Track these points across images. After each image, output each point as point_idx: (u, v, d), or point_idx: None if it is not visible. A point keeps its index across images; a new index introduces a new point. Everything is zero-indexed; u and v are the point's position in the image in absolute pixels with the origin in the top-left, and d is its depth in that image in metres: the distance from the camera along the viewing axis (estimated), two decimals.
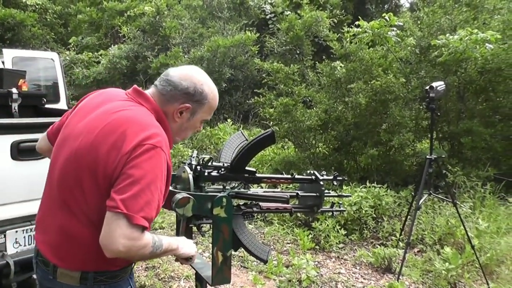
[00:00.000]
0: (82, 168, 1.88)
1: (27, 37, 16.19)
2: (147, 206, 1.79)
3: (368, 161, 7.48)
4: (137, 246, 1.78)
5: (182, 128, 2.17)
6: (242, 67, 13.62)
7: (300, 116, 8.06)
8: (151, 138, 1.86)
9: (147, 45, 14.22)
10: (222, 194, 2.38)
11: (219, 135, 10.99)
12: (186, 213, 2.24)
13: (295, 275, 4.95)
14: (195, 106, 2.11)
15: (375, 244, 5.97)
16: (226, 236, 2.39)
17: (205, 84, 2.12)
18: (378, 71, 7.60)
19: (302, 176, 2.89)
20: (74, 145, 1.94)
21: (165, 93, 2.07)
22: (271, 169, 8.36)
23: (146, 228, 1.81)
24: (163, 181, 1.89)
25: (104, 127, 1.90)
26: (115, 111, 1.96)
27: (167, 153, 1.94)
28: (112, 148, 1.84)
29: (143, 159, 1.81)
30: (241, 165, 2.61)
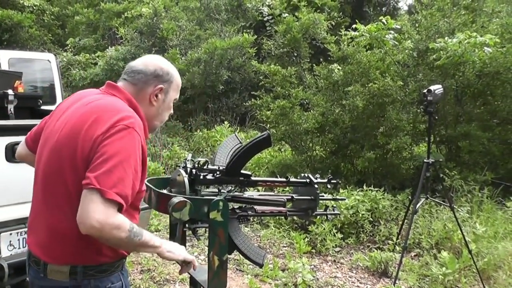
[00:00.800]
0: (63, 159, 1.93)
1: (25, 38, 16.19)
2: (120, 183, 1.82)
3: (365, 164, 7.45)
4: (110, 223, 1.77)
5: (160, 110, 2.23)
6: (239, 69, 13.60)
7: (297, 119, 8.04)
8: (124, 119, 1.93)
9: (144, 46, 14.17)
10: (219, 198, 2.36)
11: (216, 137, 10.95)
12: (182, 217, 2.22)
13: (291, 279, 4.92)
14: (166, 86, 2.20)
15: (371, 248, 5.94)
16: (223, 240, 2.37)
17: (167, 64, 2.24)
18: (375, 74, 7.59)
19: (296, 180, 2.87)
20: (54, 141, 2.00)
21: (136, 82, 2.16)
22: (268, 172, 8.34)
23: (121, 206, 1.83)
24: (137, 160, 1.92)
25: (79, 118, 1.97)
26: (88, 103, 2.04)
27: (141, 135, 1.98)
28: (87, 134, 1.89)
29: (115, 138, 1.87)
30: (237, 168, 2.58)
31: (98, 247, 1.97)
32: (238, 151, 2.55)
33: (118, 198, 1.80)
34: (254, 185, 2.74)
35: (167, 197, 2.27)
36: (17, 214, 3.64)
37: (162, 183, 2.68)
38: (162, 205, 2.31)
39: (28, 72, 7.09)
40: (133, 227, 1.88)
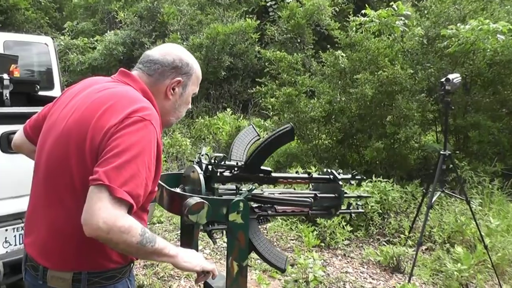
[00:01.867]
0: (70, 149, 1.75)
1: (21, 21, 15.92)
2: (132, 181, 1.63)
3: (373, 154, 7.26)
4: (119, 225, 1.57)
5: (176, 105, 2.06)
6: (241, 55, 13.35)
7: (304, 107, 7.85)
8: (140, 111, 1.75)
9: (144, 31, 13.91)
10: (239, 198, 2.18)
11: (218, 125, 10.76)
12: (200, 220, 2.03)
13: (301, 274, 4.75)
14: (185, 79, 2.02)
15: (381, 241, 5.78)
16: (243, 245, 2.20)
17: (187, 55, 2.05)
18: (384, 62, 7.38)
19: (319, 176, 2.69)
20: (60, 128, 1.82)
21: (152, 73, 1.97)
22: (273, 161, 8.15)
23: (131, 207, 1.64)
24: (152, 157, 1.74)
25: (90, 105, 1.79)
26: (101, 90, 1.87)
27: (158, 130, 1.80)
28: (98, 123, 1.72)
29: (130, 131, 1.69)
30: (257, 164, 2.41)
31: (106, 250, 1.78)
32: (258, 146, 2.36)
33: (129, 197, 1.61)
34: (274, 182, 2.56)
35: (182, 197, 2.09)
36: (14, 209, 3.42)
37: (173, 179, 2.50)
38: (175, 206, 2.13)
39: (25, 56, 6.86)
40: (145, 231, 1.67)
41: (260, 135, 2.71)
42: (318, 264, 4.75)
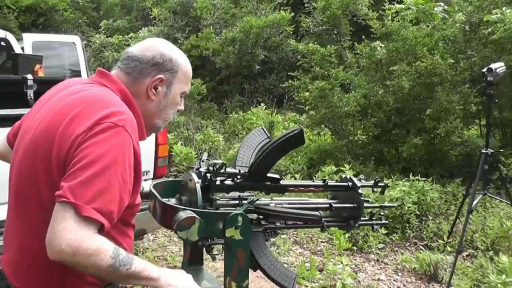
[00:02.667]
0: (37, 162, 1.56)
1: (59, 22, 16.07)
2: (102, 196, 1.43)
3: (411, 151, 6.84)
4: (86, 248, 1.37)
5: (161, 106, 1.82)
6: (276, 48, 13.03)
7: (337, 101, 7.50)
8: (112, 116, 1.53)
9: (177, 26, 13.76)
10: (237, 212, 1.91)
11: (252, 120, 10.48)
12: (190, 237, 1.78)
13: (329, 281, 4.44)
14: (168, 76, 1.77)
15: (418, 246, 5.40)
16: (242, 263, 1.93)
17: (172, 50, 1.80)
18: (422, 51, 6.93)
19: (336, 183, 2.37)
20: (28, 138, 1.64)
21: (130, 71, 1.75)
22: (306, 158, 7.84)
23: (102, 226, 1.43)
24: (126, 168, 1.52)
25: (59, 111, 1.59)
26: (73, 93, 1.66)
27: (134, 137, 1.58)
28: (65, 131, 1.52)
29: (99, 139, 1.48)
30: (262, 171, 2.11)
31: (79, 272, 1.54)
32: (263, 151, 2.08)
33: (98, 216, 1.40)
34: (283, 191, 2.25)
35: (175, 210, 1.83)
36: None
37: (171, 188, 2.24)
38: (167, 219, 1.86)
39: (53, 56, 6.80)
40: (118, 253, 1.45)
41: (271, 138, 2.43)
42: (347, 271, 4.44)
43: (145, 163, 4.07)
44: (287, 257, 5.17)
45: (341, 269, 4.43)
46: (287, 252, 5.29)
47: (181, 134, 10.03)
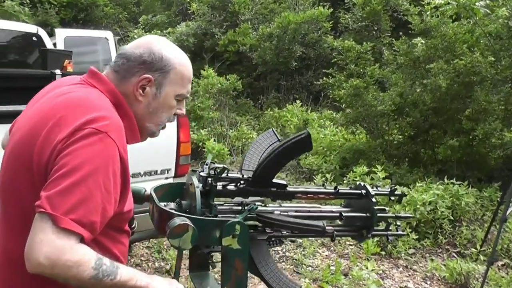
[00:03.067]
0: (19, 168, 1.50)
1: (99, 17, 16.27)
2: (82, 206, 1.35)
3: (447, 152, 6.57)
4: (65, 260, 1.30)
5: (150, 109, 1.67)
6: (314, 44, 12.82)
7: (372, 99, 7.28)
8: (94, 121, 1.43)
9: (215, 22, 13.72)
10: (235, 220, 1.79)
11: (287, 117, 10.34)
12: (183, 245, 1.68)
13: (353, 287, 4.29)
14: (158, 77, 1.63)
15: (451, 253, 5.17)
16: (240, 273, 1.82)
17: (164, 48, 1.65)
18: (462, 49, 6.64)
19: (348, 190, 2.23)
20: (14, 141, 1.57)
21: (118, 69, 1.63)
22: (339, 157, 7.65)
23: (81, 237, 1.35)
24: (110, 177, 1.43)
25: (43, 115, 1.51)
26: (59, 95, 1.57)
27: (119, 143, 1.48)
28: (47, 138, 1.43)
29: (80, 146, 1.39)
30: (267, 176, 1.99)
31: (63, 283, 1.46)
32: (267, 156, 1.95)
33: (77, 227, 1.32)
34: (291, 198, 2.13)
35: (169, 216, 1.74)
36: None
37: (175, 191, 2.14)
38: (162, 224, 1.77)
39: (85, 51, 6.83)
40: (101, 264, 1.38)
41: (281, 141, 2.30)
42: (373, 277, 4.27)
43: (165, 161, 4.05)
44: (312, 260, 5.03)
45: (366, 274, 4.28)
46: (313, 255, 5.15)
47: (214, 130, 9.97)
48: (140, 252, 4.92)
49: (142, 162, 3.76)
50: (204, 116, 10.32)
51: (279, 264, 4.93)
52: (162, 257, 4.84)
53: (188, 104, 10.49)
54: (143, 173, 3.79)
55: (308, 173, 8.02)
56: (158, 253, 4.91)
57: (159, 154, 3.89)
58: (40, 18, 14.69)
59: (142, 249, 4.99)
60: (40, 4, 15.03)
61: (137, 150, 3.70)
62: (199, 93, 10.90)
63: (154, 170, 3.87)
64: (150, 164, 3.83)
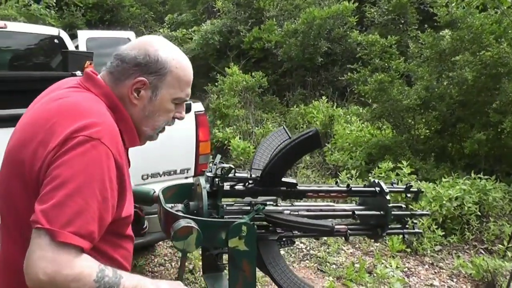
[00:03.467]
0: (12, 173, 1.49)
1: (125, 18, 16.39)
2: (79, 218, 1.32)
3: (474, 146, 6.40)
4: (65, 275, 1.27)
5: (146, 113, 1.63)
6: (340, 40, 12.68)
7: (397, 94, 7.15)
8: (86, 128, 1.40)
9: (240, 19, 13.68)
10: (242, 221, 1.78)
11: (313, 114, 10.26)
12: (188, 248, 1.66)
13: (378, 285, 4.22)
14: (153, 80, 1.58)
15: (478, 249, 5.05)
16: (248, 276, 1.81)
17: (161, 50, 1.59)
18: (489, 40, 6.46)
19: (361, 188, 2.19)
20: (10, 144, 1.55)
21: (113, 71, 1.60)
22: (364, 153, 7.54)
23: (81, 249, 1.33)
24: (105, 184, 1.40)
25: (36, 121, 1.49)
26: (53, 100, 1.53)
27: (114, 148, 1.44)
28: (39, 146, 1.41)
29: (72, 155, 1.36)
30: (276, 175, 1.97)
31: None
32: (275, 154, 1.92)
33: (76, 239, 1.30)
34: (301, 197, 2.09)
35: (174, 217, 1.72)
36: None
37: (185, 192, 2.13)
38: (168, 226, 1.75)
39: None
40: (103, 276, 1.35)
41: (291, 137, 2.27)
42: (397, 275, 4.21)
43: (185, 161, 4.05)
44: (336, 257, 4.98)
45: (391, 272, 4.22)
46: (337, 252, 5.10)
47: (239, 128, 9.96)
48: (164, 252, 4.94)
49: (161, 162, 3.77)
50: (229, 114, 10.32)
51: (303, 262, 4.90)
52: None
53: (213, 102, 10.53)
54: (162, 173, 3.80)
55: (334, 170, 7.94)
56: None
57: (178, 153, 3.90)
58: (67, 21, 14.92)
59: (166, 248, 5.01)
60: (66, 7, 15.23)
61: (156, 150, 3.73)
62: (224, 91, 10.90)
63: (174, 169, 3.86)
64: (169, 164, 3.83)
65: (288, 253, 5.05)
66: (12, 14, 11.86)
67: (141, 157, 3.44)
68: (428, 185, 5.52)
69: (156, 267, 4.62)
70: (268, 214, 1.94)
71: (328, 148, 8.18)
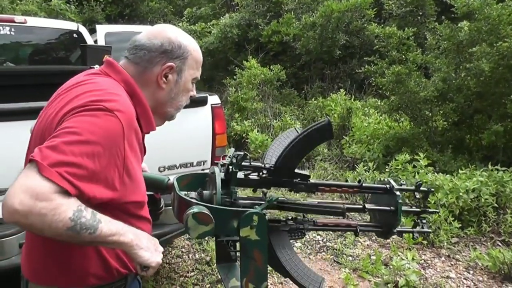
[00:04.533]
0: (37, 144, 1.46)
1: (145, 12, 16.47)
2: (70, 166, 1.32)
3: (492, 138, 6.35)
4: (40, 207, 1.26)
5: (172, 94, 1.77)
6: (358, 32, 12.65)
7: (414, 86, 7.13)
8: (105, 101, 1.47)
9: (259, 12, 13.69)
10: (253, 210, 1.81)
11: (331, 106, 10.26)
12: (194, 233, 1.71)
13: (394, 277, 4.24)
14: (178, 63, 1.72)
15: (495, 241, 5.03)
16: (260, 264, 1.85)
17: (179, 36, 1.74)
18: (506, 31, 6.39)
19: (372, 185, 2.22)
20: (33, 132, 1.64)
21: (139, 61, 1.69)
22: (382, 146, 7.54)
23: (65, 192, 1.31)
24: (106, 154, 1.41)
25: (58, 102, 1.55)
26: (74, 84, 1.62)
27: (127, 127, 1.49)
28: (59, 112, 1.48)
29: (86, 116, 1.42)
30: (289, 166, 2.00)
31: (82, 266, 1.55)
32: (288, 145, 1.96)
33: (61, 180, 1.30)
34: (314, 190, 2.12)
35: (187, 204, 1.77)
36: None
37: (199, 181, 2.17)
38: (181, 213, 1.80)
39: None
40: (80, 216, 1.34)
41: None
42: (413, 267, 4.22)
43: (201, 153, 4.10)
44: (353, 250, 5.00)
45: (407, 264, 4.23)
46: (353, 244, 5.12)
47: (258, 121, 10.00)
48: (181, 244, 5.00)
49: (178, 154, 3.82)
50: (247, 107, 10.37)
51: (319, 254, 4.93)
52: (202, 249, 4.91)
53: (231, 95, 10.58)
54: (178, 165, 3.85)
55: (351, 162, 7.95)
56: (198, 245, 4.98)
57: (194, 146, 3.94)
58: (87, 15, 15.07)
59: (184, 240, 5.08)
60: (86, 2, 15.39)
61: (173, 142, 3.79)
62: (242, 84, 10.95)
63: (190, 162, 3.91)
64: (186, 156, 3.87)
65: (305, 245, 5.09)
66: (32, 9, 12.04)
67: (158, 149, 3.51)
68: (445, 177, 5.51)
69: (173, 259, 4.70)
70: (281, 201, 1.98)
71: (346, 140, 8.19)
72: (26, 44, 6.38)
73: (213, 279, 4.27)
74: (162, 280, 4.26)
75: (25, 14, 11.02)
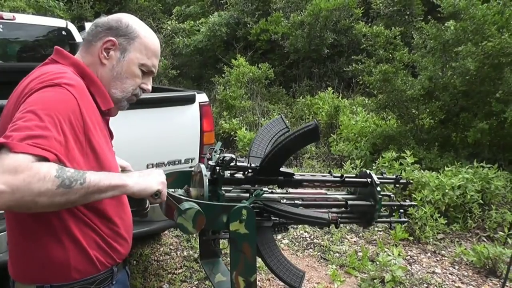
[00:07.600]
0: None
1: (134, 10, 16.39)
2: (38, 138, 1.33)
3: (477, 135, 6.43)
4: (22, 179, 1.26)
5: (114, 73, 1.73)
6: (346, 31, 12.69)
7: (401, 84, 7.19)
8: (50, 79, 1.50)
9: (247, 11, 13.70)
10: (242, 205, 1.87)
11: (319, 105, 10.31)
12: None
13: (380, 273, 4.30)
14: (122, 41, 1.72)
15: (480, 237, 5.12)
16: (249, 257, 1.90)
17: (132, 20, 1.76)
18: (491, 30, 6.47)
19: (354, 179, 2.27)
20: None
21: (87, 36, 1.75)
22: (369, 143, 7.61)
23: (44, 159, 1.32)
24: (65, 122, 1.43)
25: (11, 100, 1.58)
26: (24, 79, 1.62)
27: (79, 98, 1.52)
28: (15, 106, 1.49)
29: (36, 94, 1.45)
30: (274, 166, 2.05)
31: (62, 259, 1.56)
32: (275, 147, 1.99)
33: (33, 148, 1.31)
34: (298, 186, 2.18)
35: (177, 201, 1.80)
36: None
37: (185, 178, 2.21)
38: (169, 211, 1.84)
39: None
40: (64, 171, 1.35)
41: (289, 128, 2.35)
42: (399, 263, 4.28)
43: (189, 151, 4.12)
44: (340, 246, 5.06)
45: (393, 260, 4.29)
46: (340, 241, 5.18)
47: (246, 119, 10.04)
48: (169, 241, 5.03)
49: (166, 152, 3.84)
50: (236, 105, 10.40)
51: (307, 251, 4.98)
52: (190, 246, 4.94)
53: (220, 93, 10.60)
54: (167, 163, 3.87)
55: (339, 160, 8.02)
56: (187, 242, 5.02)
57: (182, 143, 3.96)
58: (75, 13, 15.03)
59: (172, 238, 5.11)
60: None
61: (161, 140, 3.81)
62: (231, 83, 10.98)
63: (178, 159, 3.93)
64: (174, 153, 3.89)
65: (292, 242, 5.14)
66: (21, 6, 11.96)
67: (146, 147, 3.55)
68: (432, 174, 5.59)
69: (161, 256, 4.72)
70: (267, 204, 2.02)
71: (333, 138, 8.25)
72: (14, 41, 6.37)
73: (201, 276, 4.31)
74: (151, 277, 4.29)
75: (13, 11, 10.96)
